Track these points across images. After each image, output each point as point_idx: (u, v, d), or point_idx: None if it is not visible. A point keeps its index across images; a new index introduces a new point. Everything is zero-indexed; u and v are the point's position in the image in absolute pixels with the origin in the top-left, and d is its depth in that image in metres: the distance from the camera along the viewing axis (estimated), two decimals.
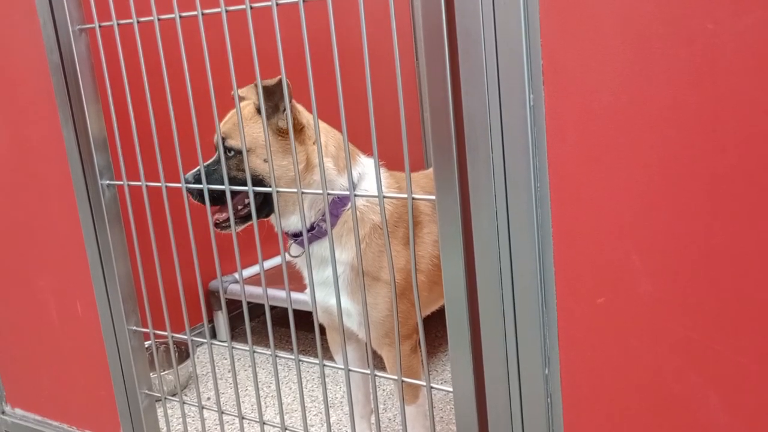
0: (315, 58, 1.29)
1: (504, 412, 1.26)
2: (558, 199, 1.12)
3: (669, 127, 1.01)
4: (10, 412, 2.24)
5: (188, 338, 1.66)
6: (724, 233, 1.01)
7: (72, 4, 1.57)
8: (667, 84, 1.00)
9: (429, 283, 1.89)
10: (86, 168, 1.67)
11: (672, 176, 1.02)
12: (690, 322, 1.06)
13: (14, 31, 1.78)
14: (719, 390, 1.07)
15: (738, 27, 0.94)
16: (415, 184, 1.99)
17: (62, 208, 1.83)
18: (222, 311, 3.13)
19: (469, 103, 1.13)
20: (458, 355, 1.27)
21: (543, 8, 1.06)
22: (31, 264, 2.00)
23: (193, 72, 1.42)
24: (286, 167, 1.69)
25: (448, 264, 1.23)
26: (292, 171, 1.68)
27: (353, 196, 1.31)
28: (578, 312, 1.15)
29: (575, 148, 1.08)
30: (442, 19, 1.12)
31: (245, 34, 1.31)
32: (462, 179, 1.18)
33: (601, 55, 1.03)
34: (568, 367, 1.18)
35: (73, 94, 1.63)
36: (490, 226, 1.17)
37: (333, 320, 1.95)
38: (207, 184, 1.52)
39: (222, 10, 1.34)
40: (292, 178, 1.69)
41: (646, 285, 1.08)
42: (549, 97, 1.08)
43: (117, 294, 1.74)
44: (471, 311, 1.24)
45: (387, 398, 2.57)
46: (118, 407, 1.87)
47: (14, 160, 1.92)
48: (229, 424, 2.46)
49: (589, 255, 1.12)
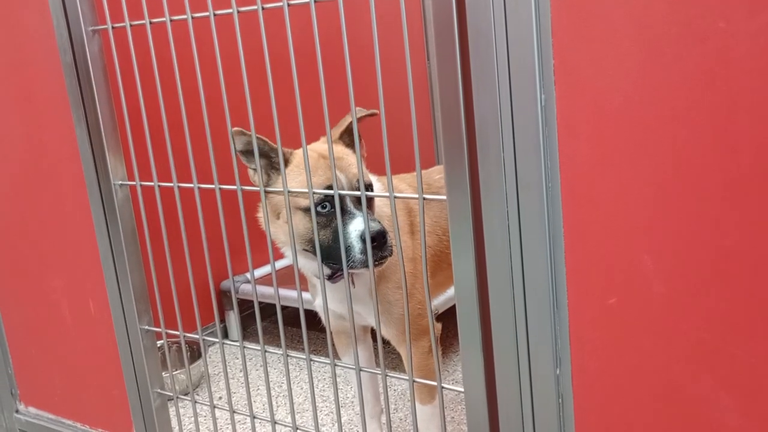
0: (326, 58, 1.29)
1: (515, 412, 1.25)
2: (569, 199, 1.11)
3: (681, 127, 1.00)
4: (24, 411, 2.25)
5: (200, 338, 1.66)
6: (737, 234, 1.00)
7: (85, 5, 1.58)
8: (680, 84, 0.99)
9: (430, 271, 1.92)
10: (99, 168, 1.68)
11: (684, 177, 1.02)
12: (703, 323, 1.06)
13: (28, 33, 1.79)
14: (732, 392, 1.06)
15: (751, 27, 0.93)
16: (402, 181, 2.01)
17: (75, 207, 1.84)
18: (234, 311, 3.13)
19: (481, 103, 1.13)
20: (469, 355, 1.27)
21: (554, 7, 1.05)
22: (45, 264, 2.01)
23: (205, 72, 1.43)
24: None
25: (459, 264, 1.23)
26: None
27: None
28: (590, 312, 1.14)
29: (587, 149, 1.08)
30: (453, 18, 1.11)
31: (257, 35, 1.31)
32: (473, 179, 1.18)
33: (612, 55, 1.03)
34: (579, 368, 1.18)
35: (86, 94, 1.64)
36: (501, 226, 1.17)
37: (342, 324, 1.95)
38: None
39: (234, 11, 1.35)
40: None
41: (658, 286, 1.07)
42: (560, 97, 1.08)
43: (129, 293, 1.75)
44: (482, 311, 1.24)
45: (398, 398, 2.57)
46: (131, 406, 1.88)
47: (28, 161, 1.93)
48: (240, 423, 2.47)
49: (600, 255, 1.11)
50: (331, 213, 1.62)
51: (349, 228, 1.58)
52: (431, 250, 1.93)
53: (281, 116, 1.38)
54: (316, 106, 1.78)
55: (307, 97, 1.65)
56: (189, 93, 1.47)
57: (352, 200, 1.61)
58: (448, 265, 1.92)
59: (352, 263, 1.58)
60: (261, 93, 1.62)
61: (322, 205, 1.62)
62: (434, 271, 1.97)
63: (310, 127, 1.40)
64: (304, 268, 1.81)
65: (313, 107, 1.49)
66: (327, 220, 1.63)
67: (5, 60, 1.87)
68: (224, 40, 1.40)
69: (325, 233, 1.62)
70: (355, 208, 1.60)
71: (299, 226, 1.65)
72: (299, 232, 1.65)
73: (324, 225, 1.63)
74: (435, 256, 1.96)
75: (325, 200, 1.62)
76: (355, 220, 1.59)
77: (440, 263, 1.98)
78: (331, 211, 1.62)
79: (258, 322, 1.55)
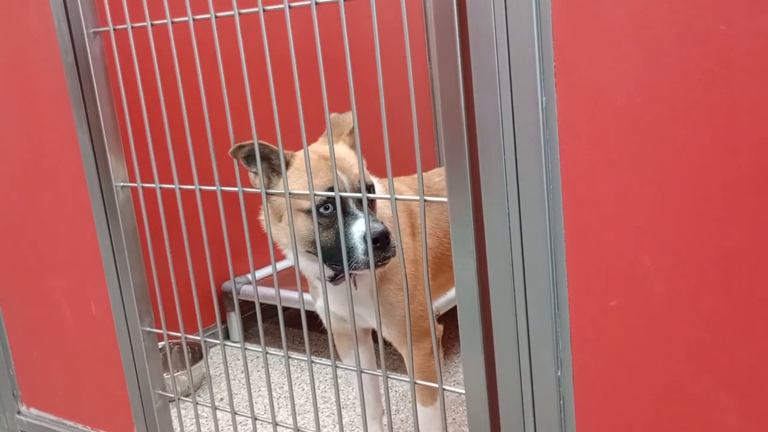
0: (327, 59, 1.29)
1: (516, 414, 1.25)
2: (570, 200, 1.11)
3: (682, 128, 1.01)
4: (26, 412, 2.25)
5: (201, 339, 1.66)
6: (737, 234, 1.00)
7: (86, 7, 1.58)
8: (681, 85, 0.99)
9: (431, 273, 1.92)
10: (100, 169, 1.68)
11: (685, 177, 1.02)
12: (703, 323, 1.06)
13: (29, 33, 1.79)
14: (732, 392, 1.06)
15: (751, 28, 0.93)
16: (402, 183, 2.01)
17: (76, 208, 1.84)
18: (235, 312, 3.14)
19: (481, 104, 1.13)
20: (470, 356, 1.27)
21: (555, 8, 1.05)
22: (46, 265, 2.01)
23: (206, 74, 1.43)
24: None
25: (460, 265, 1.23)
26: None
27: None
28: (591, 313, 1.14)
29: (588, 149, 1.08)
30: (454, 19, 1.12)
31: (258, 37, 1.32)
32: (474, 180, 1.18)
33: (613, 56, 1.03)
34: (580, 369, 1.18)
35: (87, 96, 1.64)
36: (503, 227, 1.17)
37: (342, 326, 1.95)
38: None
39: (235, 13, 1.35)
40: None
41: (659, 286, 1.07)
42: (561, 97, 1.08)
43: (131, 295, 1.75)
44: (483, 312, 1.24)
45: (399, 400, 2.57)
46: (132, 407, 1.88)
47: (29, 162, 1.93)
48: (242, 424, 2.47)
49: (601, 256, 1.11)
50: (333, 214, 1.62)
51: (352, 229, 1.58)
52: (432, 252, 1.93)
53: (281, 116, 1.38)
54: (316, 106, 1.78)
55: (307, 97, 1.65)
56: (190, 94, 1.47)
57: (354, 201, 1.61)
58: (449, 267, 1.92)
59: (355, 264, 1.57)
60: (262, 93, 1.62)
61: (324, 206, 1.62)
62: (435, 273, 1.97)
63: (310, 128, 1.40)
64: (306, 269, 1.80)
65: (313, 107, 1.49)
66: (329, 221, 1.63)
67: (6, 60, 1.88)
68: (225, 42, 1.40)
69: (327, 235, 1.62)
70: (357, 209, 1.60)
71: (301, 228, 1.64)
72: (301, 234, 1.65)
73: (326, 226, 1.63)
74: (436, 258, 1.96)
75: (327, 202, 1.62)
76: (358, 221, 1.58)
77: (441, 265, 1.98)
78: (333, 213, 1.62)
79: (259, 323, 1.55)
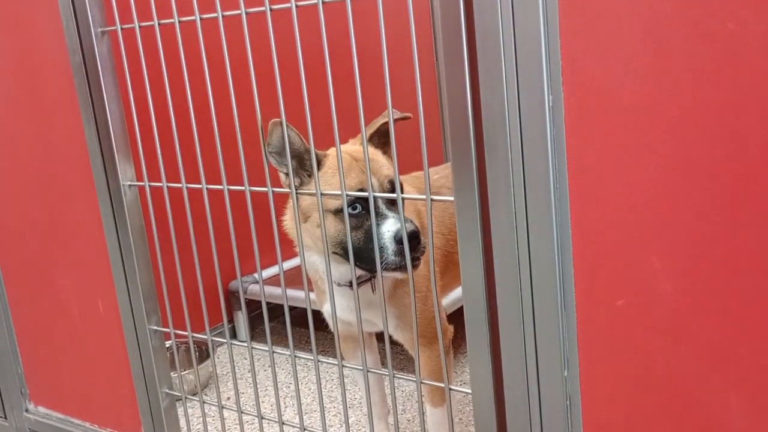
0: (333, 58, 1.29)
1: (523, 414, 1.25)
2: (577, 199, 1.11)
3: (689, 127, 1.00)
4: (33, 411, 2.26)
5: (208, 338, 1.67)
6: (745, 234, 1.00)
7: (94, 6, 1.58)
8: (688, 84, 0.99)
9: (438, 273, 1.93)
10: (108, 168, 1.69)
11: (692, 176, 1.01)
12: (711, 324, 1.05)
13: (37, 33, 1.80)
14: (740, 393, 1.05)
15: (760, 27, 0.93)
16: (404, 182, 2.01)
17: (84, 208, 1.85)
18: (242, 311, 3.14)
19: (488, 102, 1.13)
20: (477, 356, 1.27)
21: (562, 7, 1.05)
22: (54, 264, 2.02)
23: (213, 73, 1.43)
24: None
25: (466, 264, 1.23)
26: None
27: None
28: (597, 314, 1.14)
29: (595, 148, 1.08)
30: (461, 18, 1.11)
31: (264, 36, 1.32)
32: (481, 179, 1.17)
33: (621, 55, 1.03)
34: (587, 369, 1.18)
35: (95, 95, 1.64)
36: (509, 226, 1.17)
37: (349, 329, 1.95)
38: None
39: (242, 12, 1.35)
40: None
41: (666, 286, 1.07)
42: (568, 97, 1.08)
43: (138, 294, 1.76)
44: (490, 312, 1.24)
45: (406, 399, 2.57)
46: (139, 406, 1.88)
47: (37, 161, 1.94)
48: (248, 423, 2.47)
49: (608, 256, 1.11)
50: (362, 215, 1.62)
51: (382, 229, 1.57)
52: (439, 251, 1.93)
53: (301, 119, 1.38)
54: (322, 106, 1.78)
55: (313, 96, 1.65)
56: (197, 93, 1.47)
57: (384, 201, 1.61)
58: (455, 265, 1.91)
59: (386, 264, 1.57)
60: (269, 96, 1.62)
61: (353, 206, 1.62)
62: (441, 272, 1.97)
63: (321, 130, 1.40)
64: (332, 272, 1.80)
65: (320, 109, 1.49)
66: (358, 221, 1.62)
67: (15, 61, 1.88)
68: (232, 41, 1.40)
69: (357, 235, 1.62)
70: (387, 209, 1.60)
71: (330, 228, 1.64)
72: (330, 234, 1.64)
73: (355, 227, 1.62)
74: (442, 257, 1.96)
75: (355, 201, 1.61)
76: (387, 221, 1.58)
77: (447, 264, 1.97)
78: (361, 213, 1.62)
79: (266, 322, 1.55)
